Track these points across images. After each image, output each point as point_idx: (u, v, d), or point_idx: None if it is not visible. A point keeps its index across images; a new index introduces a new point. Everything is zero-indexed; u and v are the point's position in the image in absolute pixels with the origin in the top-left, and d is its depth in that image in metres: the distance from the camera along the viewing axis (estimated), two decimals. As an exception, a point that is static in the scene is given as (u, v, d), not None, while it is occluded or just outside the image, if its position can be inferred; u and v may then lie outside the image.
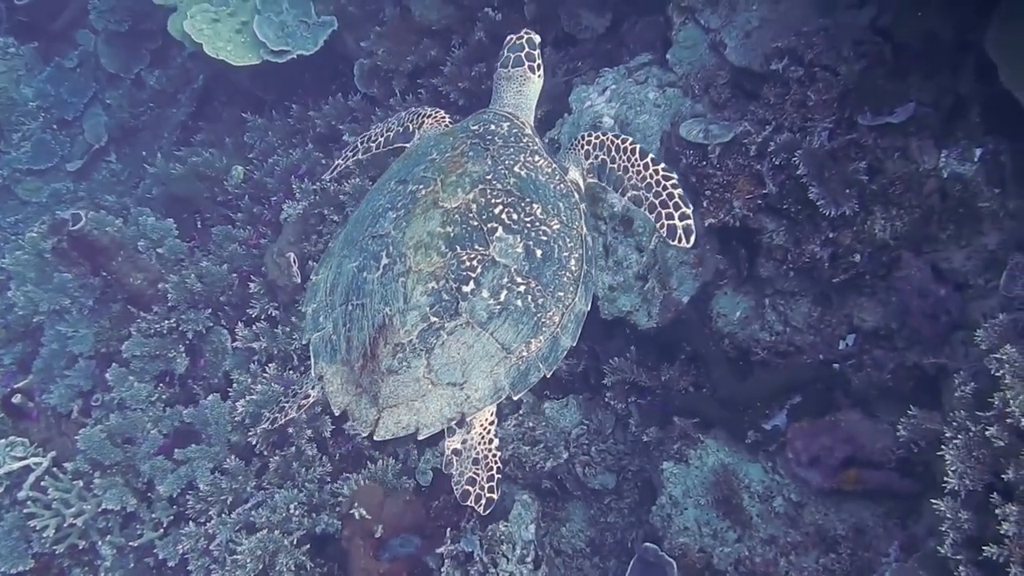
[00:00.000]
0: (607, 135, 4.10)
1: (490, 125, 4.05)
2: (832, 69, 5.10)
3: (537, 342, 3.60)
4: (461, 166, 3.77)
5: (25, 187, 10.24)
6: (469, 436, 3.71)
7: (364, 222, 3.88)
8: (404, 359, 3.48)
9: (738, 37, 5.59)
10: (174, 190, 8.03)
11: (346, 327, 3.68)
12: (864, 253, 5.00)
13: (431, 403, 3.51)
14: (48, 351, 7.44)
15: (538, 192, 3.78)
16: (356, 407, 3.60)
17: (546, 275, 3.64)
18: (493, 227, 3.60)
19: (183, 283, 6.89)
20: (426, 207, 3.67)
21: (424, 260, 3.54)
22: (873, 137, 4.97)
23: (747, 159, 5.20)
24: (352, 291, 3.70)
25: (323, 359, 3.76)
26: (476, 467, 3.69)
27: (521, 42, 4.40)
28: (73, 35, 11.06)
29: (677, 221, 3.87)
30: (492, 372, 3.54)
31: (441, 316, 3.48)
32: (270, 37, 7.79)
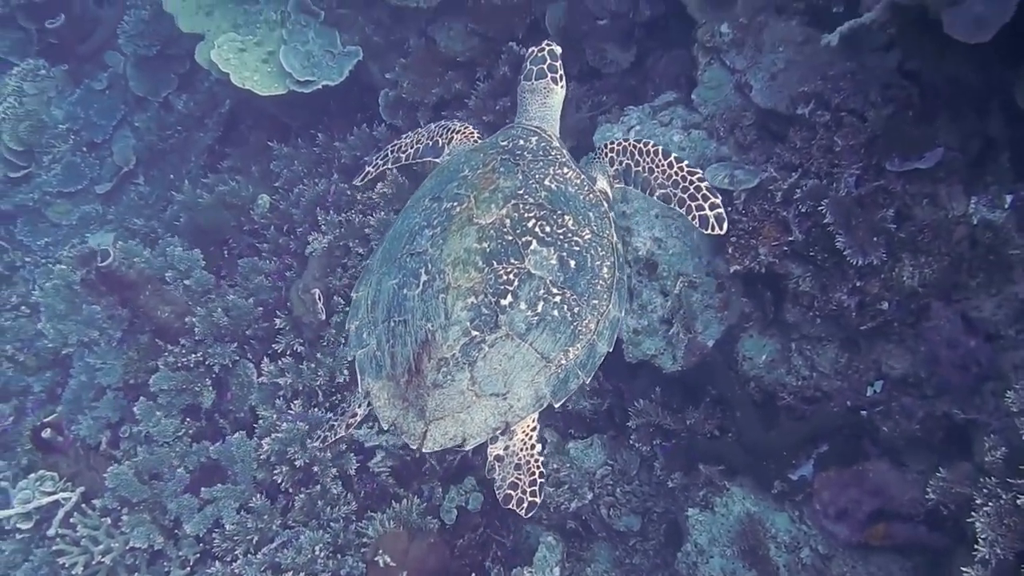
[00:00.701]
0: (629, 140, 4.20)
1: (519, 140, 4.12)
2: (859, 114, 5.05)
3: (575, 350, 3.68)
4: (493, 182, 3.84)
5: (55, 210, 10.32)
6: (511, 442, 3.75)
7: (401, 239, 3.95)
8: (448, 373, 3.54)
9: (764, 79, 5.54)
10: (201, 220, 8.06)
11: (389, 343, 3.74)
12: (892, 301, 4.95)
13: (476, 414, 3.58)
14: (77, 383, 7.51)
15: (569, 204, 3.85)
16: (404, 421, 3.65)
17: (580, 284, 3.71)
18: (527, 240, 3.67)
19: (210, 316, 6.93)
20: (462, 224, 3.73)
21: (463, 276, 3.61)
22: (901, 183, 4.92)
23: (773, 205, 5.16)
24: (393, 308, 3.76)
25: (369, 375, 3.82)
26: (518, 472, 3.73)
27: (543, 54, 4.44)
28: (102, 57, 11.15)
29: (708, 211, 3.96)
30: (533, 381, 3.60)
31: (482, 330, 3.55)
32: (296, 67, 7.80)
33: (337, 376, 6.48)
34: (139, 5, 10.46)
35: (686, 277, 5.50)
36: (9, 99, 10.66)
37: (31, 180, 10.48)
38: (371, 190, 7.36)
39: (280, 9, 8.25)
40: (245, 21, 8.42)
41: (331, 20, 8.08)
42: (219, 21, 8.54)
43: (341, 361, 6.48)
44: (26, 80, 10.78)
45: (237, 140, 9.51)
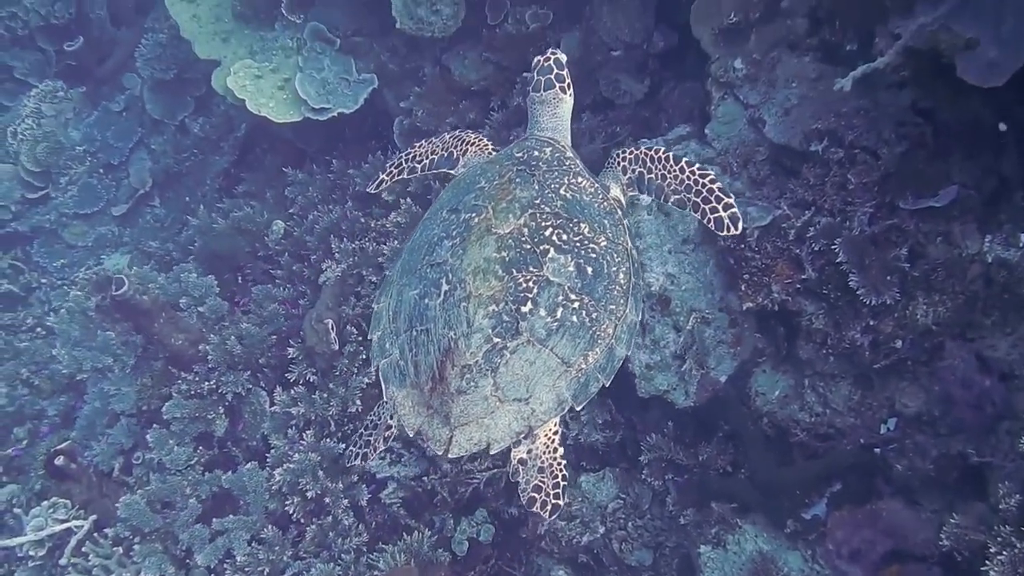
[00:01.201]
0: (640, 148, 4.30)
1: (533, 151, 4.20)
2: (872, 151, 5.04)
3: (594, 354, 3.76)
4: (510, 192, 3.92)
5: (72, 231, 10.39)
6: (534, 446, 3.85)
7: (420, 251, 4.02)
8: (472, 379, 3.61)
9: (777, 114, 5.53)
10: (216, 246, 8.10)
11: (412, 352, 3.81)
12: (906, 339, 4.93)
13: (500, 419, 3.65)
14: (91, 409, 7.54)
15: (584, 212, 3.93)
16: (429, 428, 3.72)
17: (598, 290, 3.79)
18: (545, 249, 3.75)
19: (223, 344, 6.94)
20: (480, 234, 3.81)
21: (483, 285, 3.68)
22: (915, 221, 4.91)
23: (786, 243, 5.15)
24: (415, 317, 3.83)
25: (393, 384, 3.89)
26: (541, 475, 3.83)
27: (549, 63, 4.52)
28: (120, 79, 11.24)
29: (722, 212, 4.02)
30: (554, 386, 3.68)
31: (503, 336, 3.62)
32: (311, 95, 7.84)
33: (350, 406, 6.48)
34: (157, 29, 10.54)
35: (699, 313, 5.48)
36: (27, 120, 10.75)
37: (48, 201, 10.56)
38: (385, 219, 7.39)
39: (296, 36, 8.30)
40: (261, 48, 8.47)
41: (346, 48, 8.12)
42: (235, 47, 8.59)
43: (354, 391, 6.49)
44: (44, 102, 10.88)
45: (252, 163, 9.55)
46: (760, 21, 5.64)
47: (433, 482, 6.23)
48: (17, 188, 10.50)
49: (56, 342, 7.61)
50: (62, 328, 7.53)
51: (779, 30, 5.58)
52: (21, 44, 11.53)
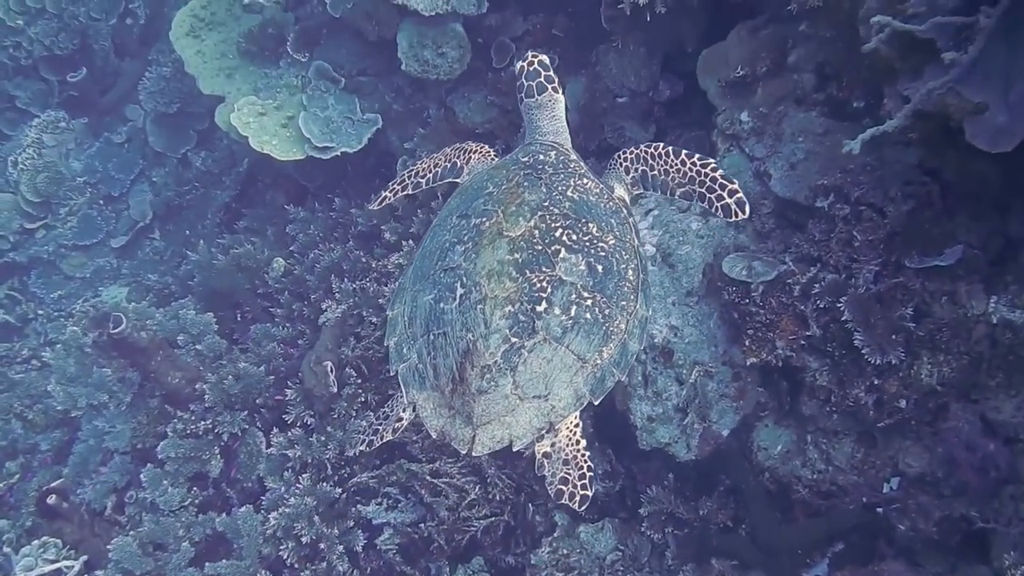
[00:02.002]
0: (639, 147, 4.42)
1: (539, 155, 4.34)
2: (879, 208, 5.04)
3: (608, 349, 3.86)
4: (519, 196, 4.03)
5: (70, 262, 10.37)
6: (557, 439, 3.90)
7: (433, 257, 4.11)
8: (492, 379, 3.71)
9: (783, 168, 5.53)
10: (215, 284, 8.06)
11: (431, 355, 3.90)
12: (910, 399, 4.90)
13: (521, 416, 3.75)
14: (84, 447, 7.48)
15: (591, 212, 4.04)
16: (452, 428, 3.81)
17: (609, 287, 3.89)
18: (556, 249, 3.86)
19: (220, 384, 6.89)
20: (492, 238, 3.91)
21: (498, 286, 3.78)
22: (920, 280, 4.88)
23: (791, 298, 5.13)
24: (432, 322, 3.92)
25: (413, 387, 3.98)
26: (567, 467, 3.87)
27: (534, 67, 4.59)
28: (122, 110, 11.25)
29: (728, 199, 4.13)
30: (572, 381, 3.78)
31: (520, 336, 3.72)
32: (315, 133, 7.84)
33: (347, 450, 6.42)
34: (161, 62, 10.58)
35: (702, 366, 5.45)
36: (28, 150, 10.76)
37: (47, 232, 10.53)
38: (387, 259, 7.36)
39: (301, 74, 8.33)
40: (266, 85, 8.49)
41: (351, 87, 8.14)
42: (240, 84, 8.61)
43: (351, 435, 6.43)
44: (46, 132, 10.90)
45: (254, 198, 9.54)
46: (767, 75, 5.66)
47: (429, 529, 6.15)
48: (16, 218, 10.48)
49: (51, 377, 7.54)
50: (58, 364, 7.47)
51: (786, 84, 5.60)
52: (24, 73, 11.57)
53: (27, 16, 11.58)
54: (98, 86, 11.40)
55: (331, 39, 8.23)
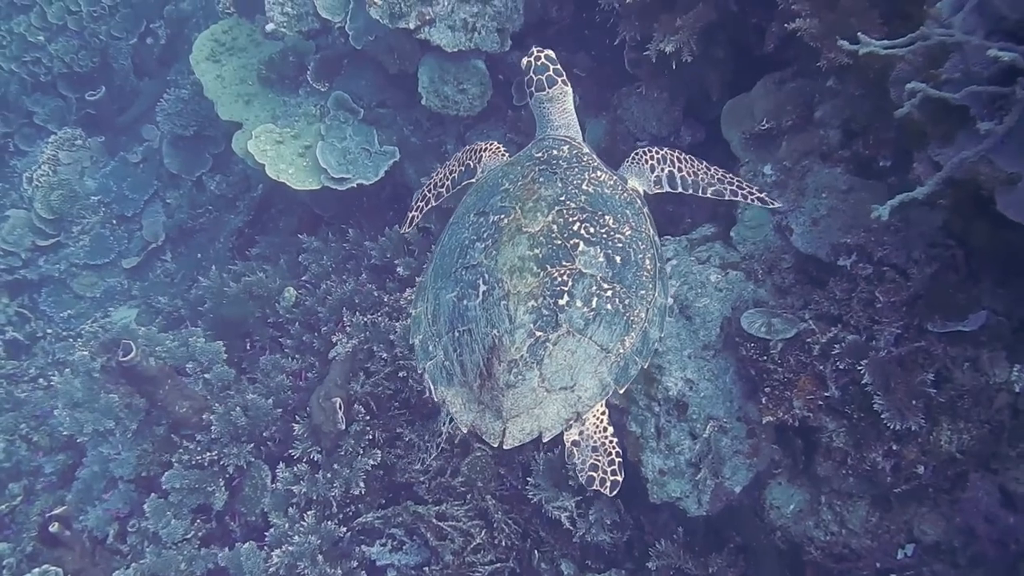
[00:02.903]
0: (664, 149, 4.64)
1: (552, 150, 4.37)
2: (902, 270, 4.96)
3: (630, 338, 3.91)
4: (535, 192, 4.06)
5: (81, 282, 10.34)
6: (584, 428, 3.98)
7: (453, 254, 4.12)
8: (519, 373, 3.74)
9: (805, 223, 5.47)
10: (225, 312, 8.02)
11: (456, 352, 3.92)
12: (929, 465, 4.81)
13: (549, 408, 3.80)
14: (89, 473, 7.43)
15: (607, 204, 4.09)
16: (482, 422, 3.85)
17: (627, 277, 3.94)
18: (575, 243, 3.90)
19: (228, 415, 6.84)
20: (512, 234, 3.94)
21: (520, 282, 3.81)
22: (943, 345, 4.81)
23: (810, 358, 5.05)
24: (456, 319, 3.94)
25: (441, 384, 4.01)
26: (596, 454, 3.97)
27: (541, 62, 4.63)
28: (139, 129, 11.26)
29: (756, 193, 4.56)
30: (596, 372, 3.83)
31: (545, 330, 3.75)
32: (332, 164, 7.81)
33: (353, 488, 6.35)
34: (180, 83, 10.58)
35: (716, 421, 5.38)
36: (44, 167, 10.77)
37: (58, 250, 10.51)
38: (400, 294, 7.32)
39: (320, 104, 8.33)
40: (284, 113, 8.48)
41: (370, 118, 8.13)
42: (258, 111, 8.61)
43: (358, 473, 6.36)
44: (62, 149, 10.91)
45: (267, 223, 9.52)
46: (792, 129, 5.61)
47: (434, 573, 6.08)
48: (29, 235, 10.45)
49: (58, 401, 7.48)
50: (65, 388, 7.41)
51: (811, 139, 5.54)
52: (43, 90, 11.61)
53: (48, 32, 11.64)
54: (116, 105, 11.43)
55: (351, 70, 8.22)
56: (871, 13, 4.87)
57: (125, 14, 11.71)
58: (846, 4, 4.89)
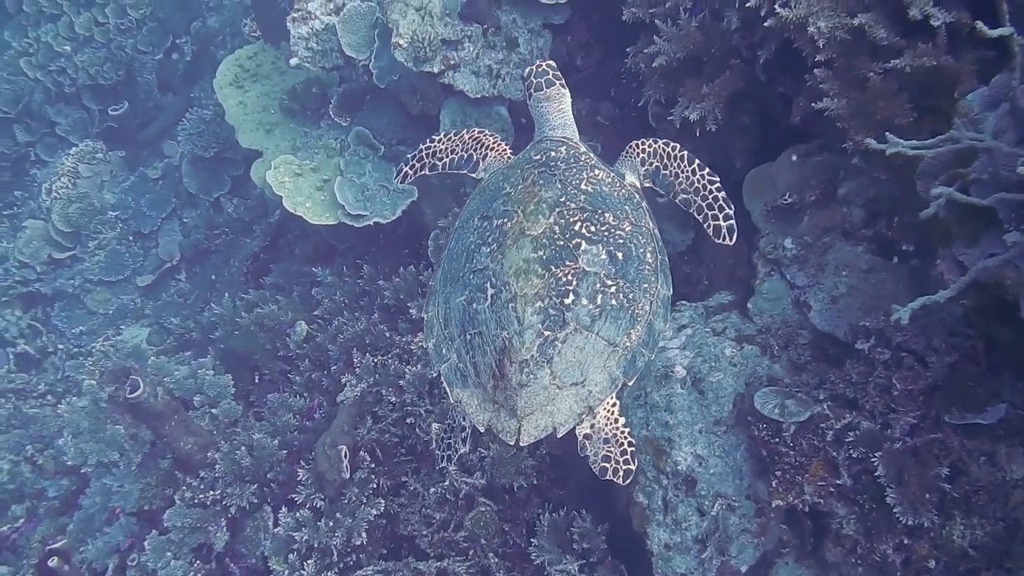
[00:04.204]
0: (658, 143, 4.62)
1: (550, 152, 4.47)
2: (921, 357, 4.88)
3: (636, 332, 4.03)
4: (536, 195, 4.18)
5: (94, 297, 10.34)
6: (596, 420, 4.10)
7: (460, 259, 4.24)
8: (531, 372, 3.86)
9: (824, 300, 5.39)
10: (235, 345, 7.98)
11: (469, 355, 4.03)
12: (941, 560, 4.71)
13: (561, 404, 3.92)
14: (91, 503, 7.41)
15: (606, 202, 4.19)
16: (497, 422, 3.97)
17: (630, 272, 4.05)
18: (577, 242, 4.01)
19: (232, 454, 6.79)
20: (516, 237, 4.05)
21: (527, 284, 3.93)
22: (959, 438, 4.71)
23: (823, 442, 4.97)
24: (467, 322, 4.05)
25: (457, 386, 4.11)
26: (608, 446, 4.10)
27: (542, 69, 4.82)
28: (160, 145, 11.26)
29: (722, 222, 4.43)
30: (605, 366, 3.95)
31: (553, 329, 3.88)
32: (349, 200, 7.76)
33: (355, 538, 6.29)
34: (203, 103, 10.58)
35: (725, 499, 5.29)
36: (63, 179, 10.79)
37: (73, 265, 10.51)
38: (412, 336, 7.25)
39: (340, 138, 8.28)
40: (304, 144, 8.45)
41: (390, 155, 8.07)
42: (278, 140, 8.58)
43: (360, 523, 6.30)
44: (82, 161, 10.93)
45: (283, 248, 9.48)
46: (815, 204, 5.53)
47: (432, 630, 6.02)
48: (45, 247, 10.45)
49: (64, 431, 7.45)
50: (72, 419, 7.39)
51: (834, 216, 5.46)
52: (67, 100, 11.63)
53: (75, 43, 11.67)
54: (138, 119, 11.44)
55: (373, 106, 8.18)
56: (900, 97, 4.79)
57: (152, 28, 11.75)
58: (875, 86, 4.81)
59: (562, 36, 7.25)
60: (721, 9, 5.64)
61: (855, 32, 4.85)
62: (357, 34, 7.57)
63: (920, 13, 4.63)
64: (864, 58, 4.91)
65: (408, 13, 7.09)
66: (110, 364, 8.06)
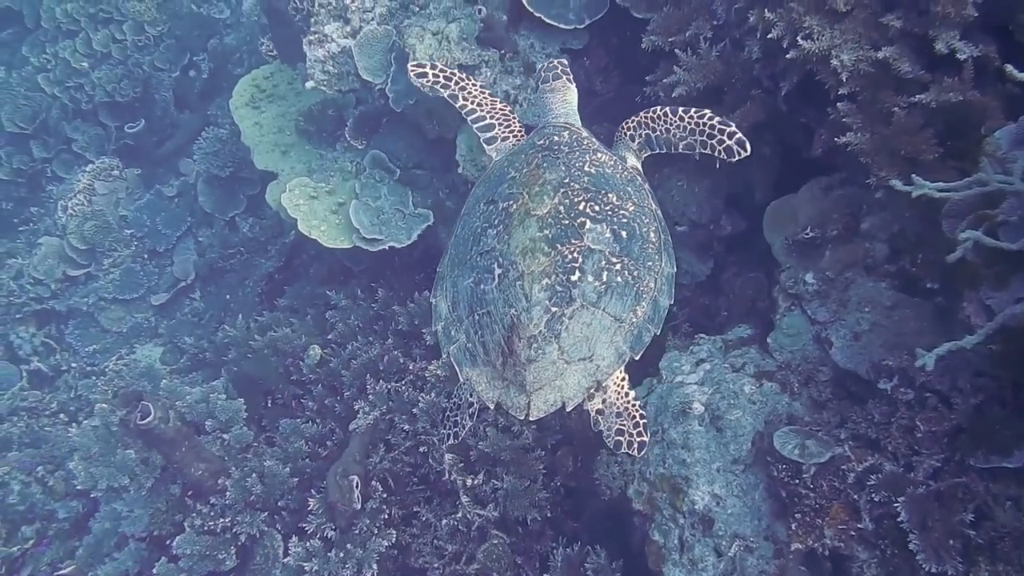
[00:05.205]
0: (638, 115, 4.88)
1: (553, 136, 4.69)
2: (945, 397, 4.76)
3: (641, 308, 4.16)
4: (540, 177, 4.34)
5: (108, 316, 10.30)
6: (607, 395, 4.19)
7: (467, 243, 4.40)
8: (539, 348, 3.97)
9: (846, 337, 5.28)
10: (248, 369, 7.91)
11: (478, 334, 4.16)
12: (964, 608, 4.59)
13: (569, 379, 4.03)
14: (100, 528, 7.36)
15: (609, 183, 4.36)
16: (507, 397, 4.08)
17: (634, 250, 4.19)
18: (582, 221, 4.15)
19: (243, 481, 6.73)
20: (521, 218, 4.20)
21: (533, 262, 4.06)
22: (985, 482, 4.59)
23: (844, 485, 4.85)
24: (475, 303, 4.18)
25: (466, 365, 4.24)
26: (620, 419, 4.19)
27: (552, 64, 5.19)
28: (177, 163, 11.24)
29: (728, 140, 4.63)
30: (612, 341, 4.07)
31: (560, 305, 4.00)
32: (364, 224, 7.67)
33: (365, 570, 6.20)
34: (219, 122, 10.55)
35: (743, 540, 5.17)
36: (79, 196, 10.78)
37: (88, 283, 10.48)
38: (427, 363, 7.17)
39: (356, 161, 8.21)
40: (320, 167, 8.39)
41: (406, 179, 8.00)
42: (294, 162, 8.53)
43: (371, 554, 6.21)
44: (98, 178, 10.93)
45: (298, 268, 9.43)
46: (837, 239, 5.42)
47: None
48: (60, 265, 10.43)
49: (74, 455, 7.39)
50: (83, 442, 7.33)
51: (857, 251, 5.35)
52: (83, 117, 11.63)
53: (92, 59, 11.67)
54: (155, 136, 11.43)
55: (390, 129, 8.11)
56: (925, 132, 4.69)
57: (169, 45, 11.74)
58: (899, 121, 4.72)
59: (580, 61, 7.16)
60: (742, 39, 5.55)
61: (879, 65, 4.76)
62: (373, 57, 7.50)
63: (946, 47, 4.55)
64: (888, 92, 4.81)
65: (425, 37, 7.03)
66: (123, 384, 7.99)
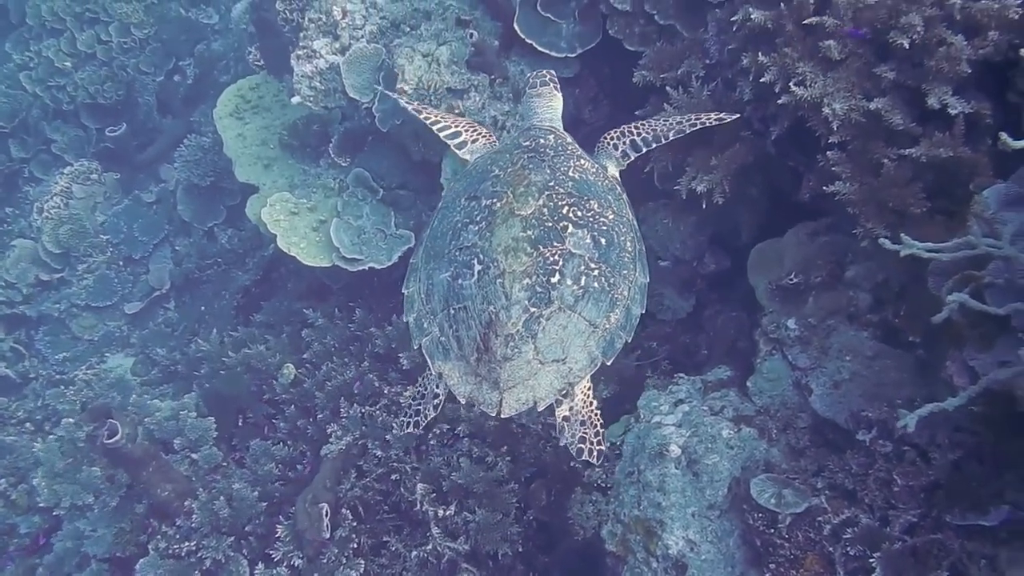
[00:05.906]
0: (620, 128, 5.07)
1: (539, 139, 4.73)
2: (923, 452, 4.73)
3: (615, 315, 4.22)
4: (526, 178, 4.36)
5: (80, 323, 10.13)
6: (574, 403, 4.24)
7: (445, 237, 4.39)
8: (516, 347, 4.00)
9: (826, 385, 5.23)
10: (220, 387, 7.78)
11: (452, 328, 4.16)
12: (939, 665, 4.54)
13: (542, 379, 4.07)
14: (62, 548, 7.19)
15: (591, 190, 4.42)
16: (479, 394, 4.10)
17: (612, 258, 4.25)
18: (564, 225, 4.19)
19: (210, 504, 6.61)
20: (505, 217, 4.21)
21: (515, 261, 4.08)
22: (960, 540, 4.55)
23: (820, 536, 4.79)
24: (451, 297, 4.18)
25: (438, 359, 4.24)
26: (584, 428, 4.25)
27: (542, 73, 5.34)
28: (157, 169, 11.11)
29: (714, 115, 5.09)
30: (586, 345, 4.12)
31: (538, 306, 4.03)
32: (345, 243, 7.59)
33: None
34: (202, 129, 10.42)
35: (716, 587, 5.12)
36: (56, 198, 10.63)
37: (61, 288, 10.31)
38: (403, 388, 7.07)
39: (339, 178, 8.13)
40: (302, 182, 8.31)
41: (389, 199, 7.94)
42: (276, 176, 8.46)
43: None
44: (76, 181, 10.78)
45: (276, 282, 9.30)
46: (821, 286, 5.38)
47: None
48: (33, 268, 10.25)
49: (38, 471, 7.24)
50: (46, 457, 7.18)
51: (840, 299, 5.31)
52: (64, 118, 11.47)
53: (76, 60, 11.53)
54: (136, 141, 11.28)
55: (374, 148, 8.03)
56: (914, 186, 4.66)
57: (155, 49, 11.62)
58: (889, 173, 4.68)
59: (570, 89, 7.10)
60: (734, 80, 5.51)
61: (871, 116, 4.73)
62: (361, 76, 7.42)
63: (938, 102, 4.52)
64: (879, 143, 4.78)
65: (415, 59, 6.96)
66: (92, 394, 7.85)
